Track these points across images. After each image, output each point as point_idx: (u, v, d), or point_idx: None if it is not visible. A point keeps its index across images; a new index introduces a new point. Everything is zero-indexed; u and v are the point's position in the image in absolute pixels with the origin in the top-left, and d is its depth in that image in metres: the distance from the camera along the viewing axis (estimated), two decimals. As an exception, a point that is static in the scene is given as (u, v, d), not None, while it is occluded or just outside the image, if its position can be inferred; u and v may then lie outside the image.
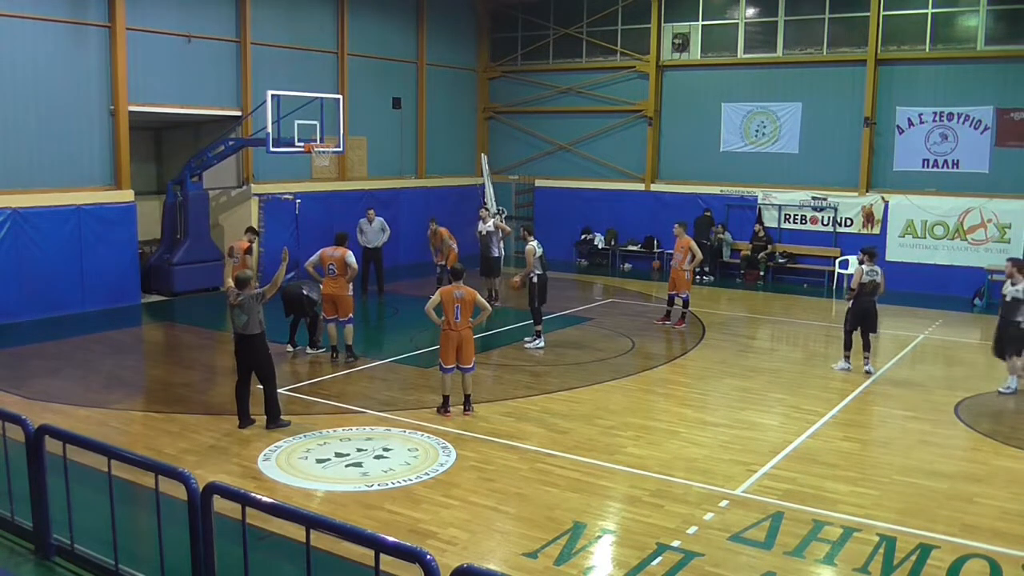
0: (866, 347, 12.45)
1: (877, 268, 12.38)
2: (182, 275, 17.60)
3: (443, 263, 16.90)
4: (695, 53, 22.17)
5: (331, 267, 12.53)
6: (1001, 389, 11.58)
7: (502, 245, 17.39)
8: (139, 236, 17.11)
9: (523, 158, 24.84)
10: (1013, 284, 11.41)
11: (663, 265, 21.65)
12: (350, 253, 12.56)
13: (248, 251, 13.73)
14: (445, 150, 24.06)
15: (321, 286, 12.66)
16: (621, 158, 23.31)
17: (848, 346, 12.54)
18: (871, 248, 12.85)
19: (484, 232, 17.13)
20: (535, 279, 13.73)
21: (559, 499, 7.86)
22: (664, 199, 22.46)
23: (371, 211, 18.28)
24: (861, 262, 12.48)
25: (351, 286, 12.64)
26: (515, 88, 24.88)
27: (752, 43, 21.45)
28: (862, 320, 12.35)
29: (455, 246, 17.19)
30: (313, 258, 12.78)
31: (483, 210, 18.42)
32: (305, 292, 12.70)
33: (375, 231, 17.95)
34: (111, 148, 16.53)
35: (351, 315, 12.59)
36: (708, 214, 21.24)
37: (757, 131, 21.44)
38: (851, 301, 12.48)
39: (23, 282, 15.04)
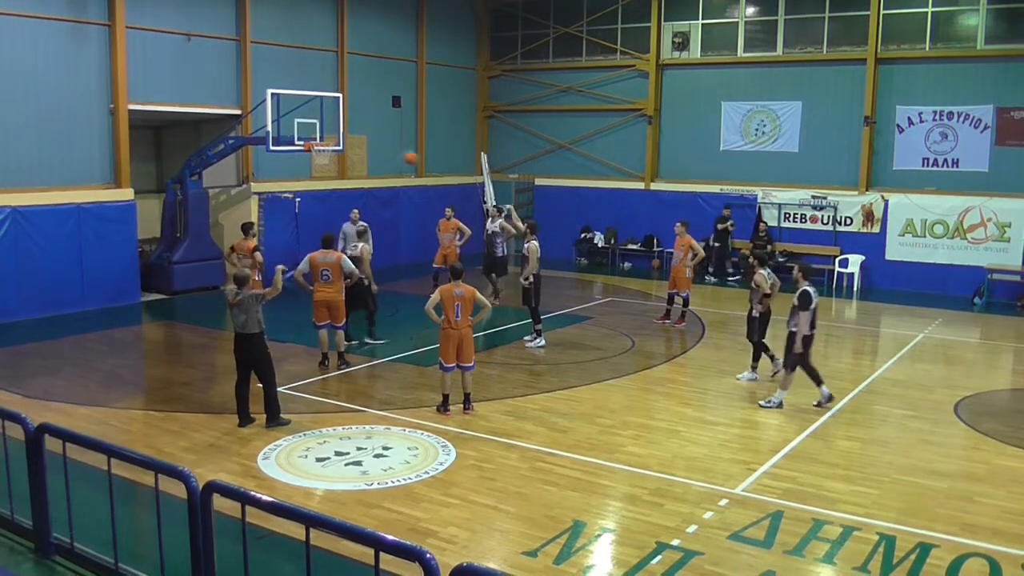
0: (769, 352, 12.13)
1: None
2: (182, 274, 17.59)
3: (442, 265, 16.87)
4: (695, 52, 22.16)
5: (325, 272, 12.04)
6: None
7: (505, 245, 17.32)
8: (139, 235, 17.10)
9: (523, 157, 24.84)
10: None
11: (663, 264, 21.66)
12: (346, 258, 12.30)
13: (255, 250, 13.58)
14: (445, 149, 24.07)
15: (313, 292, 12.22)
16: (621, 157, 23.31)
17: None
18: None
19: (489, 231, 17.16)
20: (532, 279, 13.73)
21: (559, 498, 7.87)
22: (664, 198, 22.45)
23: (355, 212, 16.35)
24: (757, 268, 11.95)
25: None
26: (515, 87, 24.87)
27: (752, 42, 21.44)
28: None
29: (462, 235, 17.50)
30: (301, 266, 12.19)
31: (494, 209, 18.21)
32: (366, 283, 12.81)
33: (354, 236, 16.04)
34: (111, 147, 16.52)
35: (345, 321, 12.45)
36: (727, 213, 20.90)
37: (757, 130, 21.44)
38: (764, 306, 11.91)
39: (23, 281, 15.03)
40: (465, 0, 24.53)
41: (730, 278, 20.66)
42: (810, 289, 10.59)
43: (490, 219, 17.45)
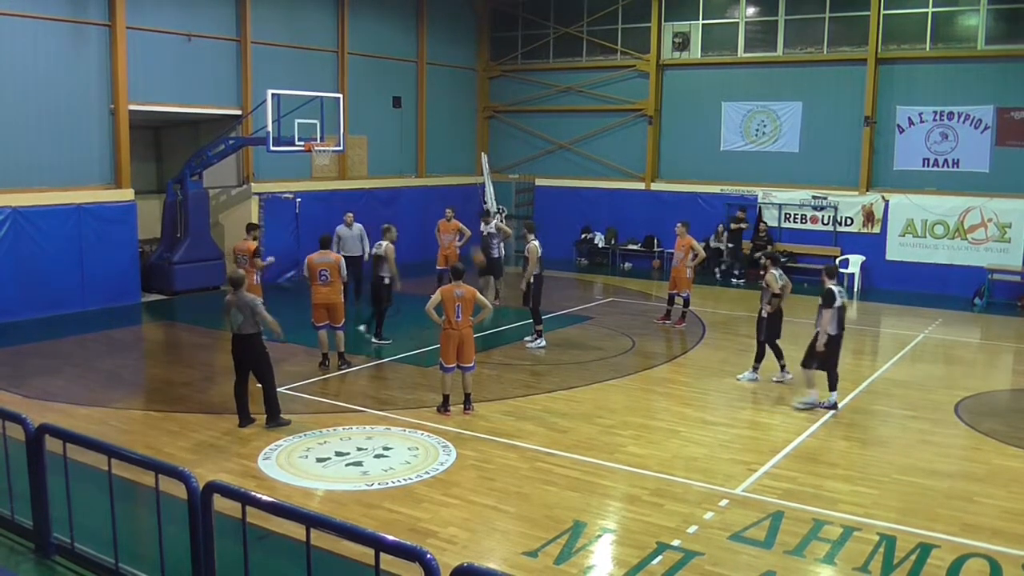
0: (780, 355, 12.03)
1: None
2: (182, 274, 17.59)
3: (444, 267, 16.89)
4: (695, 52, 22.16)
5: (323, 273, 12.09)
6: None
7: (502, 246, 17.34)
8: (139, 235, 17.11)
9: (523, 157, 24.84)
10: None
11: (663, 264, 21.66)
12: (343, 260, 12.39)
13: (256, 253, 13.56)
14: (445, 149, 24.07)
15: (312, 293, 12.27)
16: (621, 157, 23.31)
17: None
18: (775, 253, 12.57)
19: (485, 233, 17.16)
20: (532, 280, 13.74)
21: (559, 498, 7.86)
22: (664, 198, 22.45)
23: (349, 215, 16.82)
24: (769, 268, 11.85)
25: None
26: (515, 87, 24.88)
27: (752, 42, 21.44)
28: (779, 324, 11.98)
29: (462, 236, 17.38)
30: (304, 271, 12.44)
31: (485, 213, 18.24)
32: (387, 282, 13.06)
33: (354, 238, 16.63)
34: (111, 147, 16.52)
35: (343, 321, 12.46)
36: (742, 215, 20.91)
37: (757, 130, 21.43)
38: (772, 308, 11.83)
39: (23, 281, 15.03)
40: (465, 0, 24.53)
41: (734, 279, 20.65)
42: (835, 288, 10.53)
43: (483, 222, 17.45)
